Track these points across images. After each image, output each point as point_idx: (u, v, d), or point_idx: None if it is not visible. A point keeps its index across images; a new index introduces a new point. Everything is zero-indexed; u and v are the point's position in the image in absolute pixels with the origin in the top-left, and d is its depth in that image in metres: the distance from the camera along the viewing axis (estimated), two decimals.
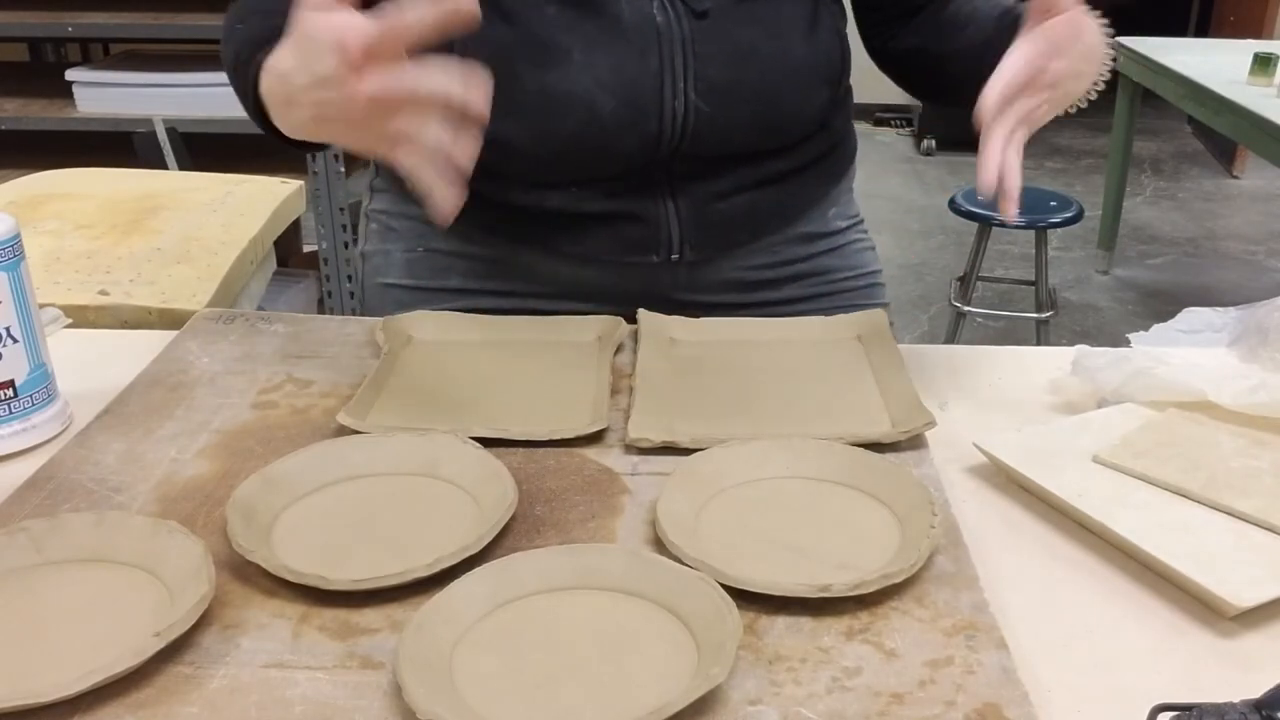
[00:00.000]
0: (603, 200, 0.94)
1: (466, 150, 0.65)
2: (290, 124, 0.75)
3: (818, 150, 1.01)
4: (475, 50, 0.89)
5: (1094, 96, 0.86)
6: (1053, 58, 0.78)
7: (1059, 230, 3.62)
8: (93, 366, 0.91)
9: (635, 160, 0.91)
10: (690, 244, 0.97)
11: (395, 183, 1.02)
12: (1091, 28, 0.82)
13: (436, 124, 0.65)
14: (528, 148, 0.90)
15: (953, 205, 2.98)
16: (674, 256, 0.98)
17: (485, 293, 1.01)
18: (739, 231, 0.99)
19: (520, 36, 0.89)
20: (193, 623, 0.58)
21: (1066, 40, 0.78)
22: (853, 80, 1.03)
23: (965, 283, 3.03)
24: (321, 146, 0.82)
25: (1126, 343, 0.91)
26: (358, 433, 0.77)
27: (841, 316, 0.96)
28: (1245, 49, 3.16)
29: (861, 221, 1.10)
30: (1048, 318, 3.00)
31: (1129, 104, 3.67)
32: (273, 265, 1.56)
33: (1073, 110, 0.85)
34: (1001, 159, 0.75)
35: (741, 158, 0.96)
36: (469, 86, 0.64)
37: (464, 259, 1.01)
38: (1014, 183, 0.76)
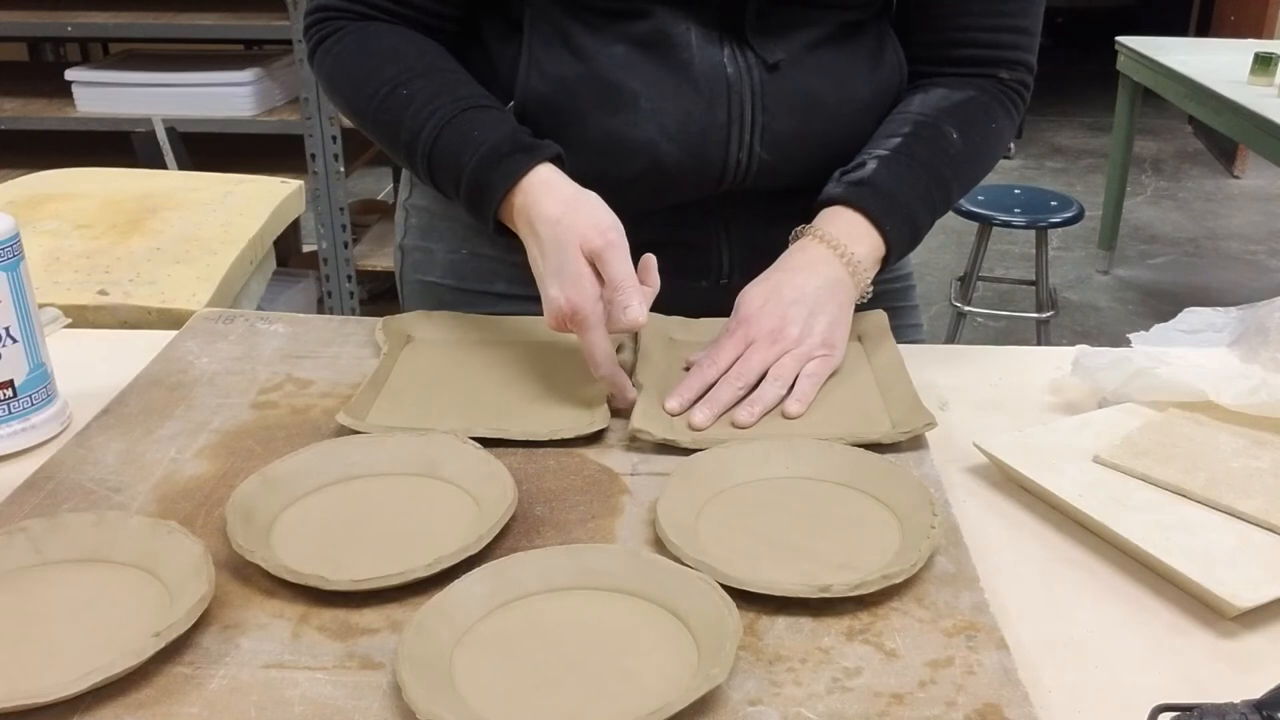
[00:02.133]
0: (657, 228, 0.93)
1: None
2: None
3: None
4: (542, 87, 0.89)
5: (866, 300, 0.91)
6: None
7: (1059, 230, 3.63)
8: (92, 366, 0.91)
9: (692, 198, 0.90)
10: (739, 270, 0.97)
11: None
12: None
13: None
14: (587, 183, 0.86)
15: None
16: (723, 281, 0.98)
17: (530, 298, 0.98)
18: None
19: (588, 76, 0.88)
20: (192, 623, 0.58)
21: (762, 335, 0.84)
22: None
23: (965, 283, 3.03)
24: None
25: (1127, 343, 0.91)
26: (357, 433, 0.77)
27: None
28: (1246, 49, 3.16)
29: None
30: (1048, 318, 3.00)
31: (1129, 104, 3.67)
32: (272, 265, 1.56)
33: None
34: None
35: (792, 191, 0.95)
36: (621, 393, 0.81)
37: (509, 265, 0.99)
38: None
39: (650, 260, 0.82)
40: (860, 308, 0.96)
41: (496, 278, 1.01)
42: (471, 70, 0.92)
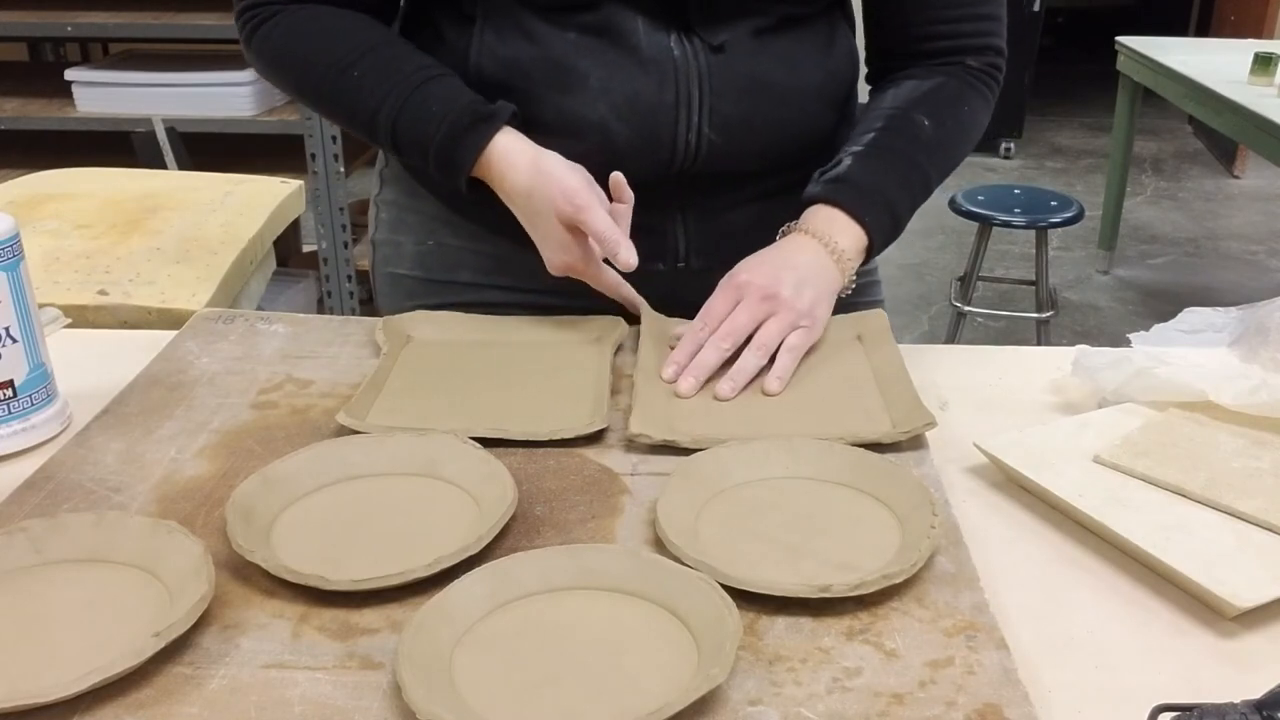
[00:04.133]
0: None
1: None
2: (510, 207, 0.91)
3: (821, 162, 1.02)
4: (496, 69, 0.91)
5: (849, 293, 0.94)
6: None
7: (1059, 230, 3.62)
8: (92, 366, 0.91)
9: (645, 180, 0.92)
10: (696, 253, 0.99)
11: (405, 173, 1.04)
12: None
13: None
14: None
15: (953, 205, 2.98)
16: (680, 264, 0.99)
17: (493, 287, 1.03)
18: (744, 240, 0.99)
19: (540, 58, 0.91)
20: (192, 623, 0.58)
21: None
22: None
23: (965, 283, 3.03)
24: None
25: (1127, 343, 0.91)
26: (357, 433, 0.77)
27: (842, 317, 0.95)
28: (1246, 49, 3.16)
29: None
30: (1048, 318, 3.00)
31: (1129, 104, 3.67)
32: (272, 265, 1.56)
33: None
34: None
35: (749, 174, 0.97)
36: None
37: (473, 254, 1.03)
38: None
39: (619, 179, 0.88)
40: (855, 306, 0.97)
41: (461, 267, 1.03)
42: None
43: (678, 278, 0.99)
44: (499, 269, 1.02)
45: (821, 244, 0.90)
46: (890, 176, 0.93)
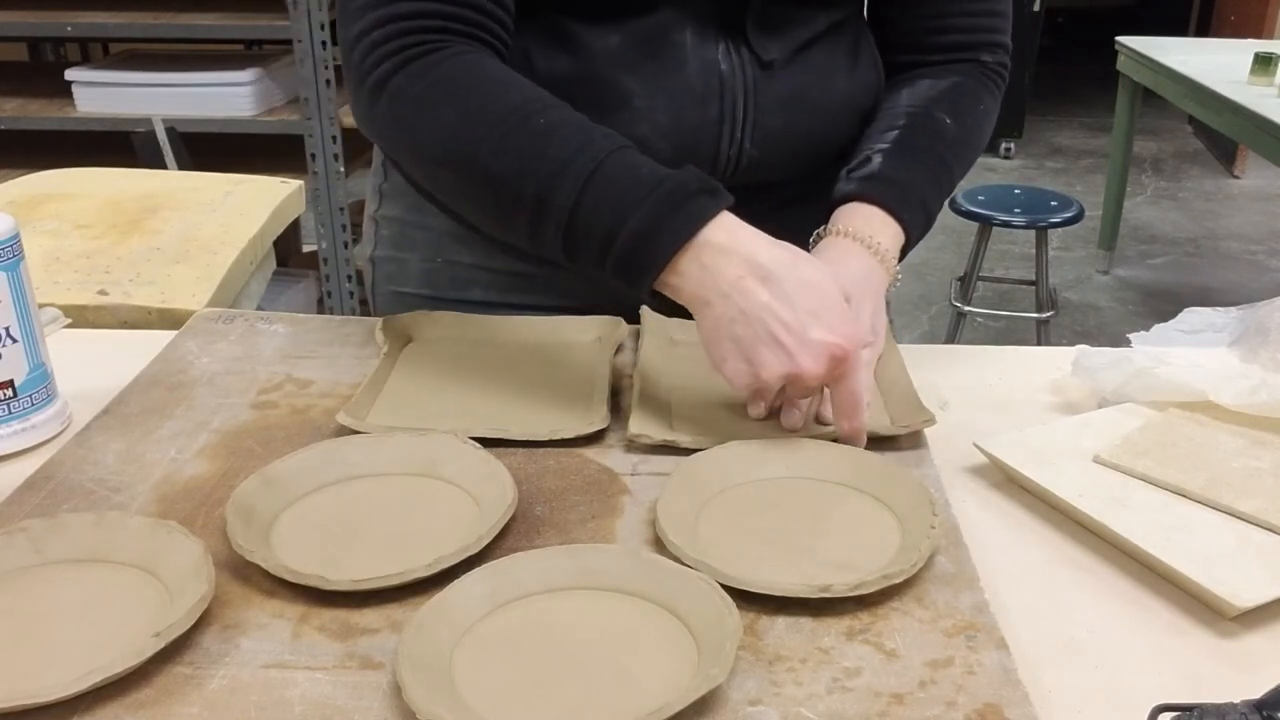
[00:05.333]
0: None
1: None
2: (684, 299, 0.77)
3: (838, 168, 1.01)
4: (534, 81, 0.86)
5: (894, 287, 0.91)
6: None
7: (1059, 230, 3.62)
8: (92, 366, 0.91)
9: None
10: None
11: (411, 187, 1.00)
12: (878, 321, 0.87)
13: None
14: None
15: (953, 205, 2.98)
16: None
17: (508, 306, 1.00)
18: None
19: (581, 76, 0.87)
20: (192, 623, 0.58)
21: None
22: None
23: (965, 283, 3.03)
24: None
25: (1127, 343, 0.91)
26: (357, 433, 0.77)
27: None
28: (1246, 49, 3.16)
29: None
30: (1048, 318, 3.00)
31: (1129, 104, 3.67)
32: (272, 265, 1.56)
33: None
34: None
35: (771, 184, 0.96)
36: None
37: (486, 272, 1.00)
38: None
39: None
40: None
41: (473, 285, 1.01)
42: None
43: None
44: (514, 286, 0.99)
45: (864, 246, 0.87)
46: (921, 173, 0.92)
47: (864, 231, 0.88)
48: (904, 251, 0.92)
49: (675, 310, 0.95)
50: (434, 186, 0.88)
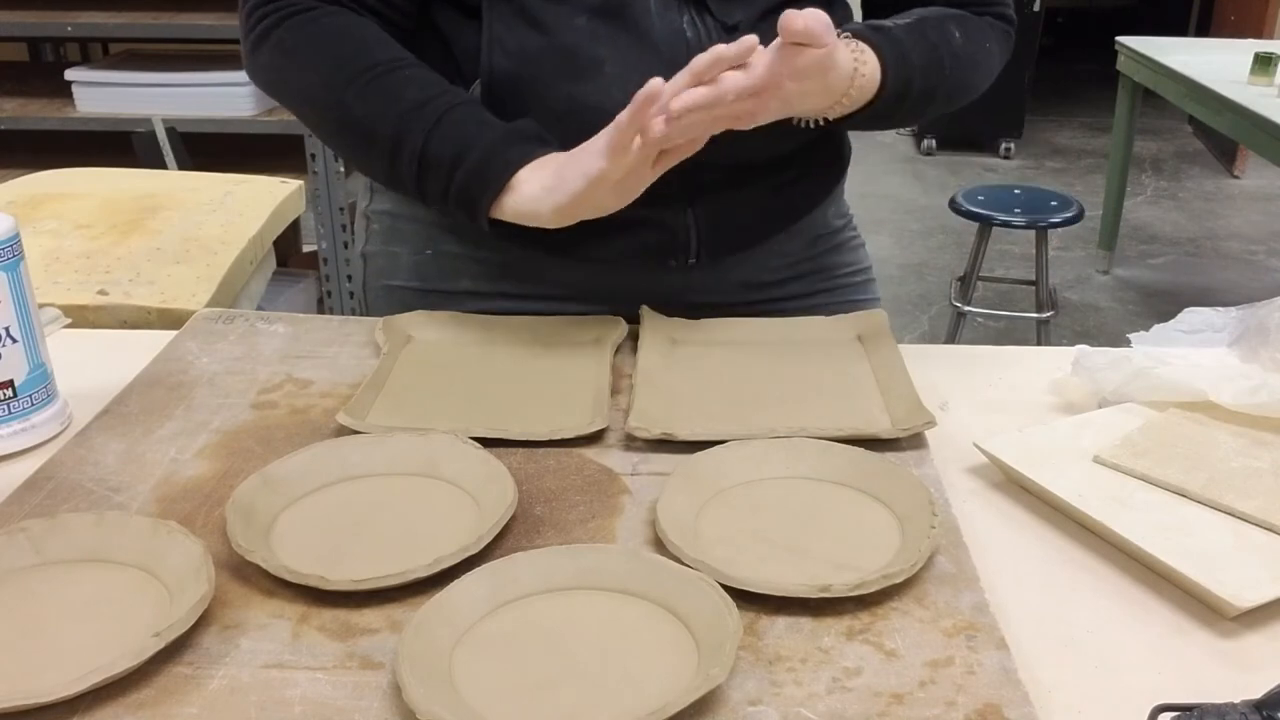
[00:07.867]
0: (626, 208, 0.94)
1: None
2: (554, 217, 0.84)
3: (824, 153, 1.02)
4: (506, 62, 0.89)
5: (832, 116, 0.87)
6: (792, 79, 0.79)
7: (1059, 230, 3.62)
8: (92, 366, 0.91)
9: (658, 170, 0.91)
10: (706, 248, 0.98)
11: None
12: (841, 63, 0.83)
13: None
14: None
15: (953, 205, 2.98)
16: (691, 261, 0.98)
17: (497, 295, 1.01)
18: (751, 235, 0.99)
19: (551, 46, 0.89)
20: (192, 623, 0.58)
21: (812, 72, 0.80)
22: None
23: (965, 283, 3.03)
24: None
25: (1127, 343, 0.91)
26: (357, 433, 0.77)
27: (842, 316, 0.96)
28: (1246, 49, 3.16)
29: (852, 219, 1.12)
30: (1048, 318, 3.00)
31: (1129, 104, 3.67)
32: (272, 265, 1.56)
33: (802, 124, 0.88)
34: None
35: (757, 166, 0.96)
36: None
37: (475, 262, 1.01)
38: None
39: (751, 40, 0.78)
40: (854, 306, 0.96)
41: (461, 275, 1.01)
42: (428, 57, 0.92)
43: (686, 275, 0.99)
44: (503, 275, 1.01)
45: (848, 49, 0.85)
46: (919, 53, 0.90)
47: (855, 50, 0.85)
48: (867, 108, 0.88)
49: (682, 310, 0.95)
50: (310, 127, 0.96)
